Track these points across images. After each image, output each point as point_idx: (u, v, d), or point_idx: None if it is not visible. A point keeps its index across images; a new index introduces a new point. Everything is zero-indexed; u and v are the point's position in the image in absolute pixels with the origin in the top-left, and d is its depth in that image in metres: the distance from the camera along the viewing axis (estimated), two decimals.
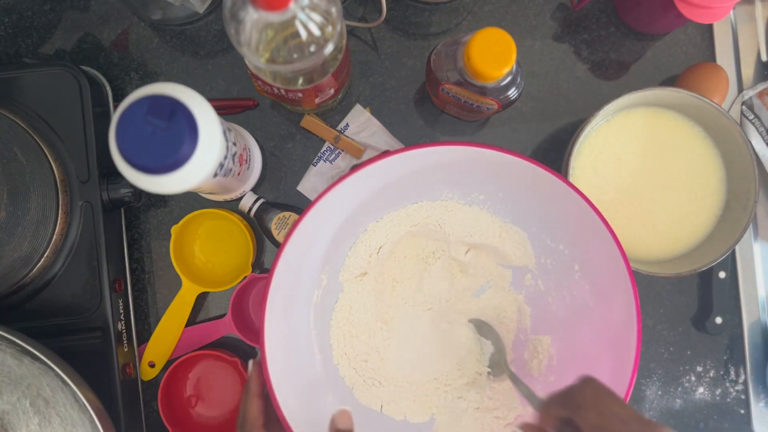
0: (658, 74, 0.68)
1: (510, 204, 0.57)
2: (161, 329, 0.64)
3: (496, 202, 0.58)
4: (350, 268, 0.58)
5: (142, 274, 0.65)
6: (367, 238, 0.58)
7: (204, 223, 0.65)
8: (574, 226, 0.54)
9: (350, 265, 0.58)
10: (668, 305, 0.68)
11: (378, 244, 0.59)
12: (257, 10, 0.42)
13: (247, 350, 0.66)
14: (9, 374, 0.50)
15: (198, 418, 0.65)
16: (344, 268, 0.58)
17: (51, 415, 0.49)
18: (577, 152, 0.61)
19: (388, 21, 0.67)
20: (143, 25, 0.66)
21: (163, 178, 0.45)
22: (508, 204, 0.57)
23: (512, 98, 0.55)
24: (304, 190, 0.66)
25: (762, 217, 0.68)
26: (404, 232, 0.59)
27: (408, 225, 0.59)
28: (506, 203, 0.57)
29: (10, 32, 0.66)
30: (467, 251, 0.61)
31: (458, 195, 0.58)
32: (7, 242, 0.56)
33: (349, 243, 0.58)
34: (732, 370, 0.68)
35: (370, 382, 0.58)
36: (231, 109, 0.65)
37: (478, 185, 0.56)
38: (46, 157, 0.57)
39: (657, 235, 0.63)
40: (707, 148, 0.63)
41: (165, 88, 0.45)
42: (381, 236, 0.59)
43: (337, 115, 0.66)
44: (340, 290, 0.59)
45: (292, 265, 0.51)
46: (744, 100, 0.67)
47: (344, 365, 0.58)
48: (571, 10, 0.67)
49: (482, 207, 0.58)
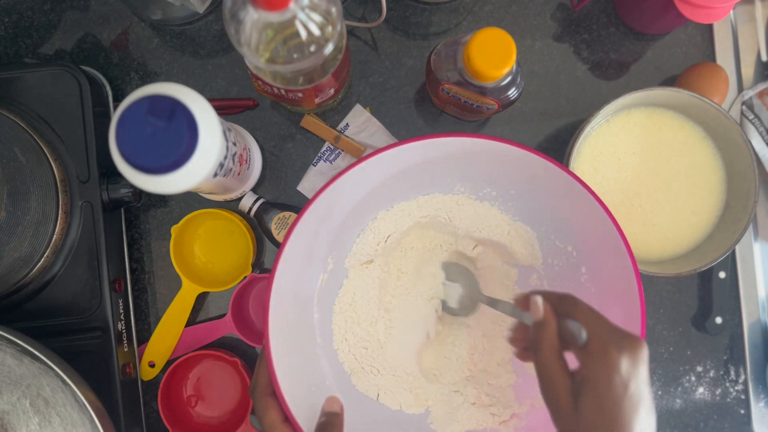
0: (658, 74, 0.68)
1: (521, 202, 0.57)
2: (161, 329, 0.64)
3: (508, 199, 0.58)
4: (357, 254, 0.58)
5: (142, 274, 0.65)
6: (376, 226, 0.58)
7: (204, 223, 0.65)
8: (585, 228, 0.53)
9: (357, 252, 0.58)
10: (668, 305, 0.68)
11: (386, 232, 0.59)
12: (257, 10, 0.42)
13: (247, 350, 0.66)
14: (9, 374, 0.50)
15: (198, 418, 0.65)
16: (351, 254, 0.58)
17: (51, 415, 0.49)
18: (577, 152, 0.61)
19: (388, 21, 0.67)
20: (143, 25, 0.66)
21: (163, 178, 0.45)
22: (520, 202, 0.57)
23: (512, 98, 0.55)
24: (304, 190, 0.66)
25: (762, 217, 0.68)
26: (413, 223, 0.59)
27: (418, 216, 0.59)
28: (517, 201, 0.57)
29: (10, 32, 0.66)
30: (474, 246, 0.61)
31: (470, 189, 0.58)
32: (7, 242, 0.56)
33: (358, 229, 0.58)
34: (732, 370, 0.68)
35: (368, 369, 0.58)
36: (231, 109, 0.66)
37: (491, 181, 0.56)
38: (46, 157, 0.57)
39: (657, 235, 0.63)
40: (707, 148, 0.63)
41: (165, 88, 0.45)
42: (390, 225, 0.59)
43: (337, 115, 0.66)
44: (346, 276, 0.59)
45: (303, 243, 0.51)
46: (744, 100, 0.67)
47: (344, 350, 0.58)
48: (571, 10, 0.67)
49: (493, 203, 0.58)
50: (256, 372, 0.49)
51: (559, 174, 0.51)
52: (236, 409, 0.65)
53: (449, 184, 0.57)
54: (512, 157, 0.52)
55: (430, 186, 0.58)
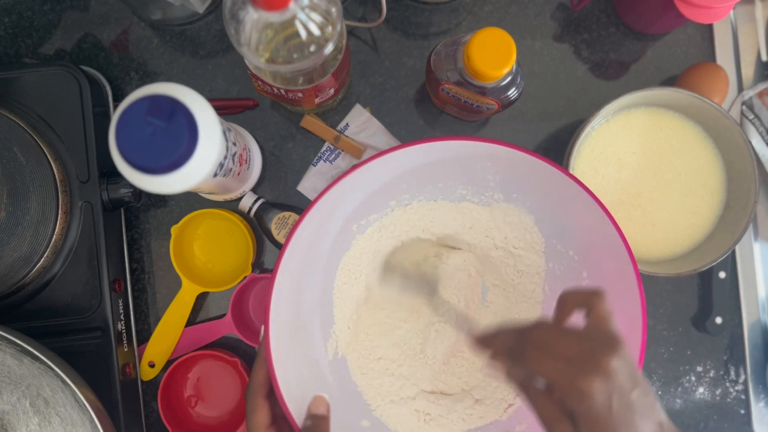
0: (658, 74, 0.68)
1: (526, 206, 0.57)
2: (161, 329, 0.64)
3: (511, 203, 0.57)
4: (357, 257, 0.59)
5: (142, 274, 0.65)
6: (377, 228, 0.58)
7: (204, 223, 0.65)
8: (585, 230, 0.53)
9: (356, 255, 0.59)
10: (668, 305, 0.68)
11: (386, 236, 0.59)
12: (257, 10, 0.42)
13: (247, 350, 0.66)
14: (9, 374, 0.50)
15: (198, 418, 0.65)
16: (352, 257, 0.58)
17: (51, 415, 0.49)
18: (577, 152, 0.61)
19: (388, 21, 0.67)
20: (143, 25, 0.66)
21: (163, 178, 0.45)
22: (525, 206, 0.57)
23: (512, 98, 0.55)
24: (304, 190, 0.66)
25: (762, 217, 0.68)
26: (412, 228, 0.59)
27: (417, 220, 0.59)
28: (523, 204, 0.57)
29: (10, 32, 0.66)
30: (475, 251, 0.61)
31: (472, 192, 0.58)
32: (7, 242, 0.56)
33: (358, 231, 0.58)
34: (732, 370, 0.68)
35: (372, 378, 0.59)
36: (231, 109, 0.66)
37: (494, 185, 0.56)
38: (46, 157, 0.57)
39: (657, 235, 0.63)
40: (707, 148, 0.63)
41: (165, 88, 0.45)
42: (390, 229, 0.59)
43: (337, 115, 0.66)
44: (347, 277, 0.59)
45: (304, 244, 0.51)
46: (744, 100, 0.67)
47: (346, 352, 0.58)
48: (571, 10, 0.67)
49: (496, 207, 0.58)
50: (253, 372, 0.49)
51: (559, 176, 0.51)
52: (236, 409, 0.65)
53: (451, 187, 0.57)
54: (512, 162, 0.52)
55: (432, 189, 0.57)
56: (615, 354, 0.37)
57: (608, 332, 0.39)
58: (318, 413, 0.48)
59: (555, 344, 0.39)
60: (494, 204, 0.58)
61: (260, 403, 0.47)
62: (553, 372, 0.38)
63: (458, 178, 0.56)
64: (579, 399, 0.36)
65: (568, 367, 0.37)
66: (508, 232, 0.59)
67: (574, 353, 0.38)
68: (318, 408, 0.48)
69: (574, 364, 0.37)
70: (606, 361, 0.36)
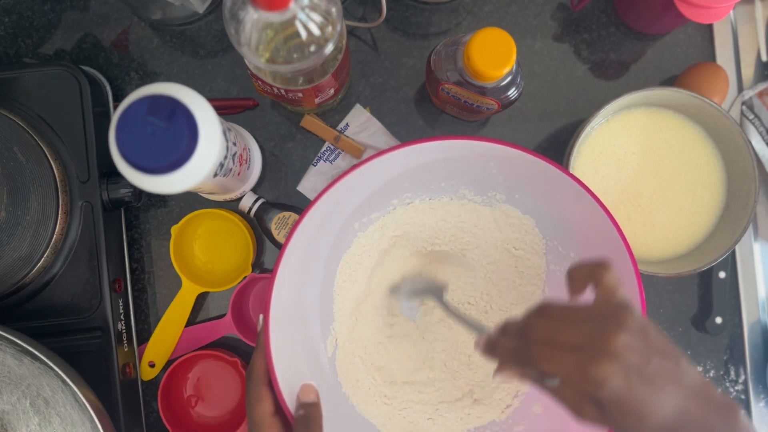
0: (658, 74, 0.68)
1: (527, 206, 0.57)
2: (161, 329, 0.64)
3: (512, 203, 0.57)
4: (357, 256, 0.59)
5: (142, 274, 0.65)
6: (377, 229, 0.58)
7: (204, 223, 0.65)
8: (586, 231, 0.53)
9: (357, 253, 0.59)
10: (668, 305, 0.68)
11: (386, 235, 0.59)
12: (257, 10, 0.42)
13: (247, 350, 0.66)
14: (9, 374, 0.50)
15: (198, 418, 0.65)
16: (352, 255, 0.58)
17: (51, 415, 0.50)
18: (577, 152, 0.61)
19: (388, 21, 0.67)
20: (143, 25, 0.66)
21: (163, 178, 0.45)
22: (525, 206, 0.57)
23: (512, 98, 0.55)
24: (304, 190, 0.66)
25: (762, 217, 0.68)
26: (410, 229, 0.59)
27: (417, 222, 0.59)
28: (523, 205, 0.57)
29: (10, 32, 0.66)
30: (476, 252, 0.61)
31: (474, 192, 0.57)
32: (7, 242, 0.56)
33: (359, 230, 0.58)
34: (732, 370, 0.68)
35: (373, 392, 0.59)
36: (231, 109, 0.66)
37: (496, 185, 0.56)
38: (46, 157, 0.57)
39: (657, 235, 0.63)
40: (707, 148, 0.63)
41: (165, 88, 0.45)
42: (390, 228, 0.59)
43: (337, 115, 0.66)
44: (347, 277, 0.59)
45: (305, 243, 0.51)
46: (744, 100, 0.67)
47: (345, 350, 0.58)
48: (571, 10, 0.67)
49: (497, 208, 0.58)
50: (253, 361, 0.48)
51: (559, 176, 0.51)
52: (236, 409, 0.65)
53: (453, 187, 0.57)
54: (514, 162, 0.52)
55: (435, 189, 0.57)
56: (622, 329, 0.35)
57: (616, 303, 0.37)
58: (308, 401, 0.47)
59: (558, 335, 0.37)
60: (496, 204, 0.58)
61: (264, 392, 0.47)
62: (563, 367, 0.37)
63: (460, 177, 0.56)
64: (595, 387, 0.35)
65: (576, 357, 0.36)
66: (509, 233, 0.59)
67: (580, 340, 0.36)
68: (308, 396, 0.48)
69: (581, 352, 0.36)
70: (614, 341, 0.35)
